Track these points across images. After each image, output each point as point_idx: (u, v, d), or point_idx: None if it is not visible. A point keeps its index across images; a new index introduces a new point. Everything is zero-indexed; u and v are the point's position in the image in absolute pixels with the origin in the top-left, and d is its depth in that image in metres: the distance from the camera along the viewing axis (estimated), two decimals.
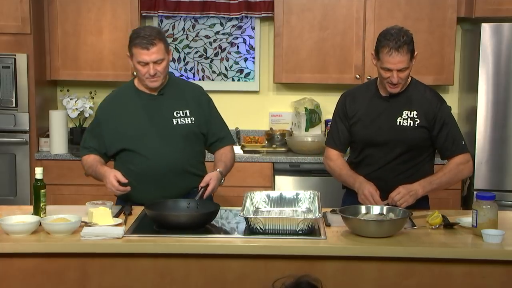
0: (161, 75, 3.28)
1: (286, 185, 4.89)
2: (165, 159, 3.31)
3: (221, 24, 5.38)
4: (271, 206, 3.27)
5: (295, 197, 3.29)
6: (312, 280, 1.83)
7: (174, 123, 3.35)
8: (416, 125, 3.31)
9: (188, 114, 3.38)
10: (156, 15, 5.31)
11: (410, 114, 3.32)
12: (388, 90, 3.30)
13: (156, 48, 3.22)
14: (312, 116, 5.29)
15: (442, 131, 3.32)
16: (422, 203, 3.42)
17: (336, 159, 3.46)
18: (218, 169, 3.35)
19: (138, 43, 3.23)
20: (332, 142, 3.49)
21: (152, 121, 3.35)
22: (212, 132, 3.47)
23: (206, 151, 3.54)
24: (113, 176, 3.19)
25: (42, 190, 3.05)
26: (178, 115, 3.37)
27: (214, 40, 5.41)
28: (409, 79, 3.37)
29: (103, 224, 2.96)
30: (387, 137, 3.31)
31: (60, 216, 2.98)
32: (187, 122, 3.37)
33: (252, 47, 5.40)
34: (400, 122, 3.33)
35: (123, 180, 3.18)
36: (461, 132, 3.43)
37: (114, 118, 3.38)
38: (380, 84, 3.37)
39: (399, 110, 3.34)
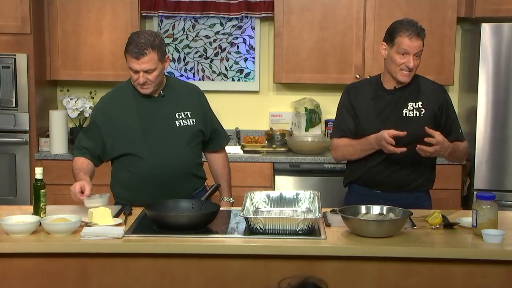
0: (152, 83, 3.24)
1: (286, 185, 4.88)
2: (169, 162, 3.30)
3: (221, 24, 5.39)
4: (271, 206, 3.27)
5: (295, 197, 3.29)
6: (318, 281, 1.82)
7: (177, 125, 3.34)
8: (422, 115, 3.35)
9: (189, 116, 3.37)
10: (156, 15, 5.31)
11: (416, 105, 3.36)
12: (400, 78, 3.32)
13: (147, 58, 3.16)
14: (312, 116, 5.29)
15: (448, 119, 3.40)
16: (424, 203, 3.43)
17: (341, 143, 3.42)
18: (226, 198, 3.56)
19: (129, 50, 3.18)
20: (338, 132, 3.46)
21: (155, 124, 3.32)
22: (209, 130, 3.48)
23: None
24: (80, 184, 3.10)
25: (42, 190, 3.04)
26: (180, 116, 3.36)
27: (214, 40, 5.41)
28: None
29: (103, 224, 2.96)
30: (394, 129, 3.29)
31: (60, 216, 2.98)
32: (189, 124, 3.36)
33: (252, 47, 5.40)
34: (406, 113, 3.36)
35: (86, 193, 3.08)
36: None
37: (114, 121, 3.33)
38: (384, 78, 3.39)
39: (405, 101, 3.37)
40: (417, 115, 3.35)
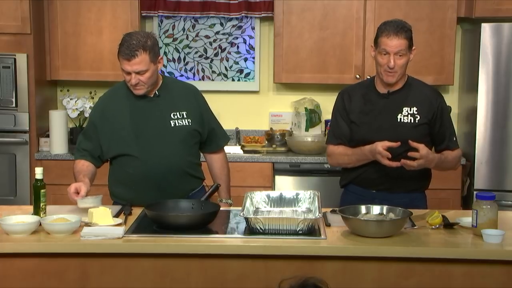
0: (144, 84, 3.24)
1: (286, 185, 4.89)
2: (164, 162, 3.30)
3: (221, 24, 5.39)
4: (271, 206, 3.27)
5: (295, 197, 3.29)
6: (319, 282, 1.82)
7: (172, 125, 3.33)
8: (417, 121, 3.32)
9: (185, 116, 3.36)
10: (156, 15, 5.31)
11: (410, 110, 3.34)
12: (384, 79, 3.30)
13: (138, 60, 3.16)
14: (312, 116, 5.29)
15: (442, 126, 3.37)
16: (419, 202, 3.42)
17: (337, 151, 3.43)
18: (224, 199, 3.52)
19: (121, 51, 3.19)
20: (333, 139, 3.46)
21: (150, 124, 3.32)
22: (206, 131, 3.46)
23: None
24: (76, 185, 3.15)
25: (42, 190, 3.05)
26: (175, 116, 3.35)
27: (214, 40, 5.41)
28: (406, 76, 3.38)
29: (103, 224, 2.96)
30: (388, 135, 3.28)
31: (60, 216, 2.98)
32: (184, 124, 3.36)
33: (252, 47, 5.40)
34: (400, 119, 3.33)
35: (81, 194, 3.12)
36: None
37: (110, 121, 3.34)
38: (377, 81, 3.38)
39: (399, 107, 3.34)
40: (411, 121, 3.32)
